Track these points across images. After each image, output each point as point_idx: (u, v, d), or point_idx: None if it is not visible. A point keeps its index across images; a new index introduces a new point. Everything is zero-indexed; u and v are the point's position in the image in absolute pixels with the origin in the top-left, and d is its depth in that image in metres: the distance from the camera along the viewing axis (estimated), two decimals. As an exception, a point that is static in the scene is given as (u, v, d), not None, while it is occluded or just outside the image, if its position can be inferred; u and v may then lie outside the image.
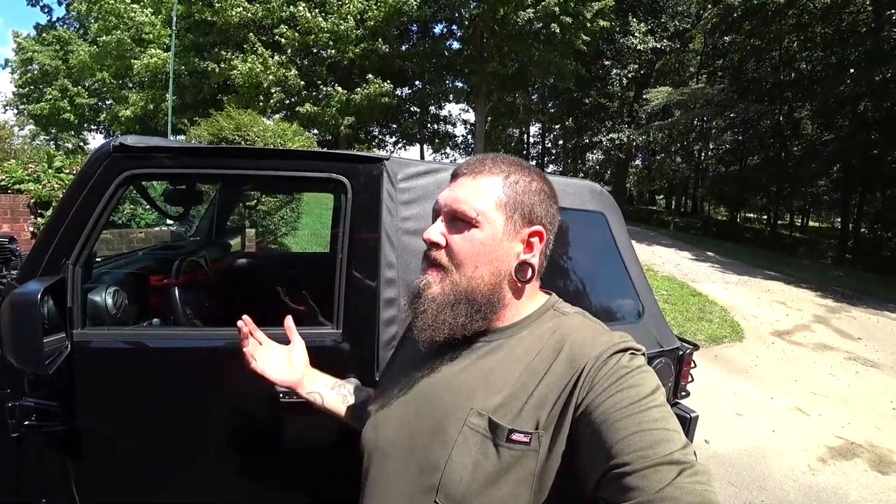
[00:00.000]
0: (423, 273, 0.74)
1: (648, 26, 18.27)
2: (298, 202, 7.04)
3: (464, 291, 0.70)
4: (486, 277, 0.71)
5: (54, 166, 5.86)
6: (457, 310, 0.70)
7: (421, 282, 0.73)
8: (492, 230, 0.71)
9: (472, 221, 0.70)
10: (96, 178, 1.28)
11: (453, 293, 0.70)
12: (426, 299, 0.71)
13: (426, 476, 0.66)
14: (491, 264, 0.71)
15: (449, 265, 0.71)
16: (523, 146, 29.18)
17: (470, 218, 0.70)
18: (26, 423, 1.26)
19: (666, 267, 9.59)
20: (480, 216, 0.70)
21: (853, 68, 14.40)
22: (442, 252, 0.72)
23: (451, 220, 0.72)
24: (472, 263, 0.70)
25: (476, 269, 0.70)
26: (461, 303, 0.70)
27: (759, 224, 25.22)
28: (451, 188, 0.74)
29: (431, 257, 0.73)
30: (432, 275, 0.72)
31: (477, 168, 0.74)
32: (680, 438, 0.55)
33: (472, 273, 0.70)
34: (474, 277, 0.70)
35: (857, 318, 7.10)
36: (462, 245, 0.71)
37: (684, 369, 1.85)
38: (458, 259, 0.71)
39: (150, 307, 1.88)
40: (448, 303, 0.70)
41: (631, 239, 1.91)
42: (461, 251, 0.71)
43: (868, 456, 3.18)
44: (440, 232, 0.72)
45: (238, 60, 14.52)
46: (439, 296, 0.70)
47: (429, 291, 0.71)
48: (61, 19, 25.23)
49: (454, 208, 0.71)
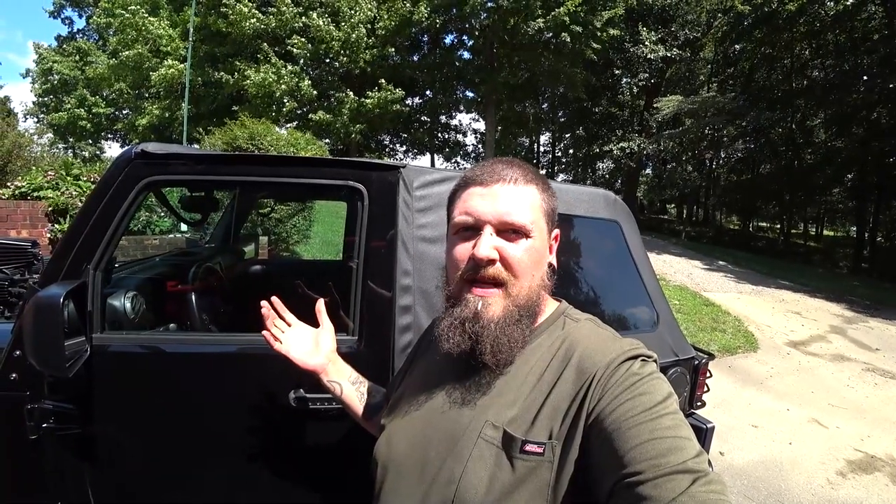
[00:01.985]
0: (467, 292, 0.70)
1: (658, 35, 18.26)
2: (310, 211, 7.10)
3: (525, 304, 0.70)
4: (537, 284, 0.72)
5: (72, 174, 5.98)
6: (521, 324, 0.69)
7: (476, 303, 0.69)
8: (541, 238, 0.72)
9: (527, 232, 0.69)
10: (118, 183, 1.31)
11: (517, 308, 0.69)
12: (489, 321, 0.68)
13: (440, 490, 0.66)
14: (541, 271, 0.73)
15: (509, 279, 0.69)
16: (533, 155, 29.22)
17: (527, 229, 0.69)
18: (44, 426, 1.28)
19: (678, 276, 9.49)
20: (533, 225, 0.70)
21: (866, 76, 14.26)
22: (499, 266, 0.69)
23: (501, 233, 0.69)
24: (531, 273, 0.70)
25: (533, 277, 0.71)
26: (524, 316, 0.70)
27: (772, 233, 24.90)
28: (488, 199, 0.70)
29: (489, 275, 0.69)
30: (491, 293, 0.69)
31: (508, 175, 0.71)
32: (693, 446, 0.54)
33: (529, 283, 0.70)
34: (532, 287, 0.71)
35: (874, 328, 6.96)
36: (521, 256, 0.69)
37: (700, 379, 1.82)
38: (518, 271, 0.69)
39: (167, 312, 1.90)
40: (513, 320, 0.69)
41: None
42: (521, 263, 0.69)
43: (889, 470, 3.10)
44: (493, 246, 0.68)
45: (251, 71, 14.76)
46: (504, 313, 0.68)
47: (490, 311, 0.68)
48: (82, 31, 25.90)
49: (507, 220, 0.69)
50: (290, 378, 1.31)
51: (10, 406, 1.27)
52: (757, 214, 23.95)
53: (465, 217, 0.71)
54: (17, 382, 1.28)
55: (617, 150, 19.85)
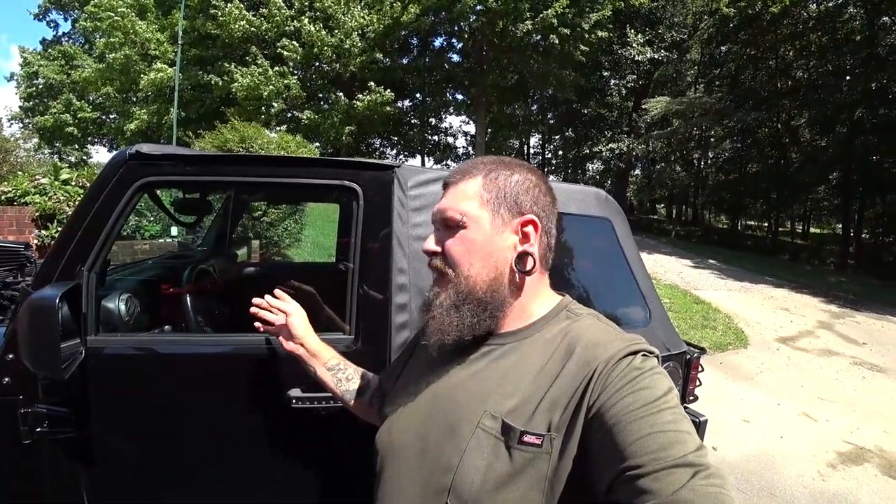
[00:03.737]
0: (432, 285, 0.78)
1: (646, 37, 18.48)
2: (302, 214, 7.08)
3: (465, 291, 0.72)
4: (484, 273, 0.73)
5: (61, 178, 5.91)
6: (462, 311, 0.72)
7: (430, 292, 0.77)
8: (479, 227, 0.73)
9: (459, 223, 0.73)
10: (112, 185, 1.30)
11: (456, 294, 0.72)
12: (434, 307, 0.74)
13: (438, 477, 0.67)
14: (485, 259, 0.72)
15: (446, 269, 0.74)
16: (524, 157, 29.31)
17: (457, 221, 0.73)
18: (38, 430, 1.26)
19: (668, 275, 9.59)
20: (465, 216, 0.73)
21: (849, 75, 14.53)
22: (439, 259, 0.75)
23: (443, 228, 0.76)
24: (467, 262, 0.73)
25: (471, 266, 0.72)
26: (465, 303, 0.72)
27: (759, 231, 25.20)
28: (442, 198, 0.78)
29: (432, 266, 0.77)
30: (437, 283, 0.76)
31: (461, 174, 0.77)
32: (694, 440, 0.54)
33: (468, 271, 0.73)
34: (471, 276, 0.72)
35: (861, 323, 7.08)
36: (454, 247, 0.74)
37: (692, 373, 1.85)
38: (453, 261, 0.73)
39: (162, 314, 1.89)
40: (452, 305, 0.72)
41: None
42: (454, 252, 0.74)
43: (878, 461, 3.16)
44: (435, 240, 0.76)
45: (239, 74, 14.67)
46: (446, 301, 0.73)
47: (437, 300, 0.74)
48: (67, 34, 25.57)
49: (443, 216, 0.75)
50: (286, 378, 1.31)
51: (4, 410, 1.25)
52: (745, 213, 24.23)
53: (431, 217, 0.81)
54: (11, 386, 1.27)
55: (606, 152, 20.02)
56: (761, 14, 15.89)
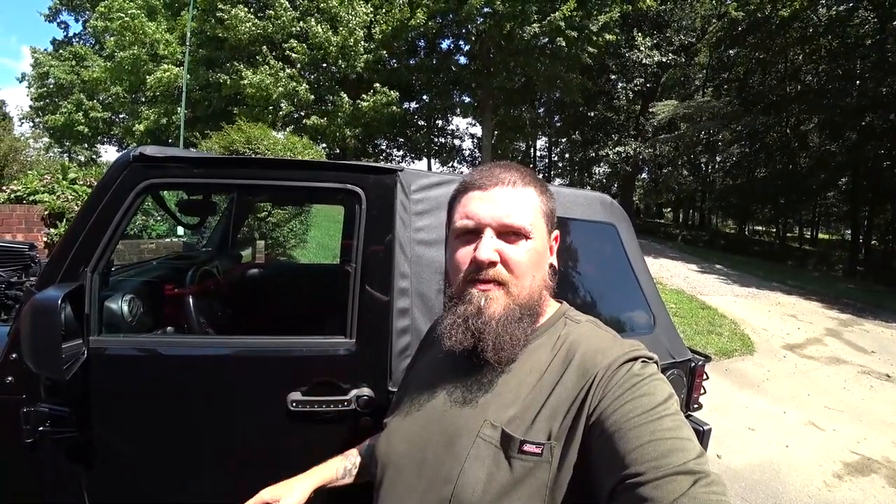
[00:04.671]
0: (471, 289, 0.71)
1: (654, 40, 18.40)
2: (307, 215, 7.10)
3: (526, 303, 0.71)
4: (538, 284, 0.73)
5: (69, 178, 5.96)
6: (522, 323, 0.70)
7: (479, 299, 0.69)
8: (542, 239, 0.73)
9: (526, 234, 0.71)
10: (116, 186, 1.31)
11: (518, 307, 0.70)
12: (491, 318, 0.69)
13: (438, 488, 0.66)
14: (541, 271, 0.74)
15: (510, 279, 0.70)
16: (530, 159, 29.31)
17: (526, 231, 0.71)
18: (41, 429, 1.27)
19: (674, 280, 9.53)
20: (532, 227, 0.72)
21: (859, 80, 14.40)
22: (500, 268, 0.70)
23: (502, 235, 0.71)
24: (531, 273, 0.71)
25: (533, 278, 0.72)
26: (526, 315, 0.71)
27: (767, 236, 25.03)
28: (487, 202, 0.71)
29: (490, 276, 0.70)
30: (492, 290, 0.70)
31: (507, 178, 0.73)
32: (694, 448, 0.54)
33: (530, 283, 0.72)
34: (532, 287, 0.72)
35: (870, 331, 7.00)
36: (521, 257, 0.71)
37: (696, 381, 1.83)
38: (519, 272, 0.70)
39: (165, 315, 1.89)
40: (515, 318, 0.70)
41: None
42: (521, 263, 0.70)
43: (885, 472, 3.11)
44: (494, 249, 0.70)
45: (249, 72, 14.76)
46: (505, 311, 0.69)
47: (492, 307, 0.69)
48: (78, 35, 25.86)
49: (506, 223, 0.70)
50: (287, 381, 1.31)
51: (7, 409, 1.26)
52: (752, 218, 24.08)
53: (466, 221, 0.72)
54: (14, 385, 1.27)
55: (613, 155, 19.94)
56: (770, 17, 15.78)
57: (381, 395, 1.31)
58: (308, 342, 1.36)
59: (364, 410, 1.29)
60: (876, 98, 13.37)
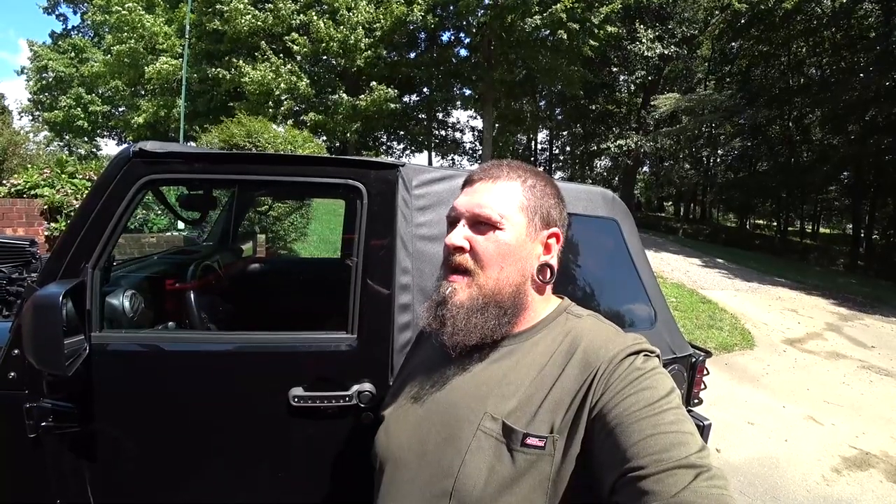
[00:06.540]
0: (444, 279, 0.74)
1: (656, 32, 18.26)
2: (308, 209, 7.09)
3: (491, 294, 0.71)
4: (512, 278, 0.72)
5: (67, 171, 5.94)
6: (486, 313, 0.70)
7: (446, 288, 0.72)
8: (515, 232, 0.72)
9: (496, 224, 0.71)
10: (116, 182, 1.30)
11: (481, 296, 0.71)
12: (453, 305, 0.71)
13: (439, 481, 0.66)
14: (516, 265, 0.72)
15: (475, 268, 0.71)
16: (531, 153, 29.20)
17: (494, 221, 0.71)
18: (43, 425, 1.27)
19: (675, 274, 9.52)
20: (504, 219, 0.71)
21: (862, 73, 14.30)
22: (466, 256, 0.72)
23: (474, 224, 0.73)
24: (498, 265, 0.71)
25: (502, 269, 0.71)
26: (490, 306, 0.71)
27: (768, 230, 24.99)
28: (468, 194, 0.75)
29: (455, 262, 0.72)
30: (458, 280, 0.72)
31: (494, 173, 0.75)
32: (696, 441, 0.54)
33: (497, 274, 0.71)
34: (500, 279, 0.71)
35: (870, 325, 7.00)
36: (487, 247, 0.71)
37: (697, 376, 1.84)
38: (484, 261, 0.71)
39: (166, 311, 1.89)
40: (477, 307, 0.70)
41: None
42: (486, 253, 0.71)
43: (884, 467, 3.13)
44: (464, 236, 0.72)
45: (249, 68, 14.69)
46: (468, 300, 0.71)
47: (456, 297, 0.71)
48: (76, 27, 25.71)
49: (476, 212, 0.72)
50: (289, 376, 1.31)
51: (9, 405, 1.27)
52: (754, 212, 24.03)
53: (451, 211, 0.76)
54: (16, 381, 1.28)
55: (614, 148, 19.86)
56: (774, 10, 15.65)
57: (383, 390, 1.31)
58: (310, 337, 1.37)
59: (366, 406, 1.30)
60: (879, 91, 13.28)
